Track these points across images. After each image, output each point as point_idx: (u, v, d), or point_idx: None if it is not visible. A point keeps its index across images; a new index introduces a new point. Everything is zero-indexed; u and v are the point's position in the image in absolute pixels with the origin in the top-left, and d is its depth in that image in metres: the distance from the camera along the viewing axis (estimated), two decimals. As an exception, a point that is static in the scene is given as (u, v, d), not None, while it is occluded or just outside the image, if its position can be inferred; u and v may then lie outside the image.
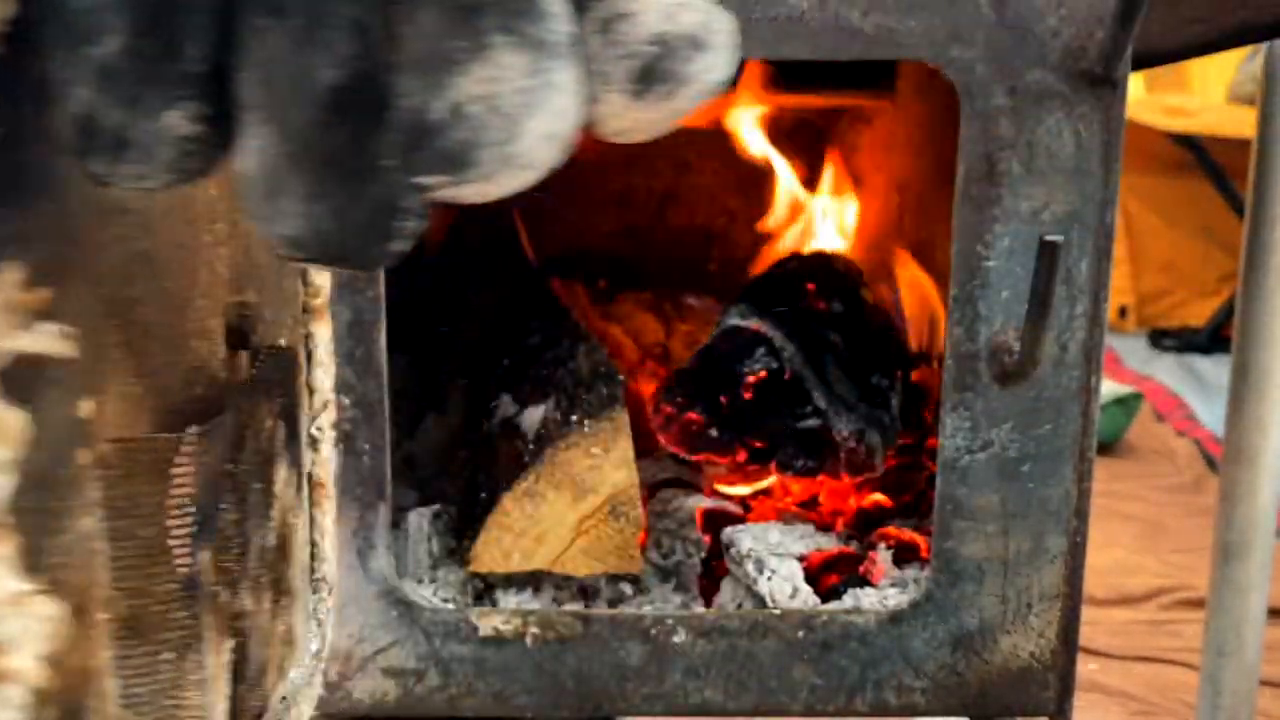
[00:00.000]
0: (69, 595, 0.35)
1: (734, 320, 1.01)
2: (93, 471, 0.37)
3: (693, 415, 0.96)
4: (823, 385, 0.97)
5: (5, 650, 0.32)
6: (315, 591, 0.72)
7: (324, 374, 0.71)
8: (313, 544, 0.72)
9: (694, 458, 0.98)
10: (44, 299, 0.33)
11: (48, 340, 0.33)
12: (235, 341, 0.53)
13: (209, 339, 0.49)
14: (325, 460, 0.71)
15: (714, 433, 0.96)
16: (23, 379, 0.32)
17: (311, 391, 0.71)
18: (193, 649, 0.46)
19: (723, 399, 0.96)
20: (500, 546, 0.85)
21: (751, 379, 0.96)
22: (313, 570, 0.72)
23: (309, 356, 0.70)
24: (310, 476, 0.70)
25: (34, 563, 0.33)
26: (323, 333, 0.70)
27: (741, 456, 0.96)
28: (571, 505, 0.85)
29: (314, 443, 0.70)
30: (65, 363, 0.34)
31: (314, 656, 0.70)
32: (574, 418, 0.87)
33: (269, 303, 0.60)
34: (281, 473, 0.57)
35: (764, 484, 1.02)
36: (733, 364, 0.98)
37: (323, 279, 0.69)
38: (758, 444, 0.96)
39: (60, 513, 0.35)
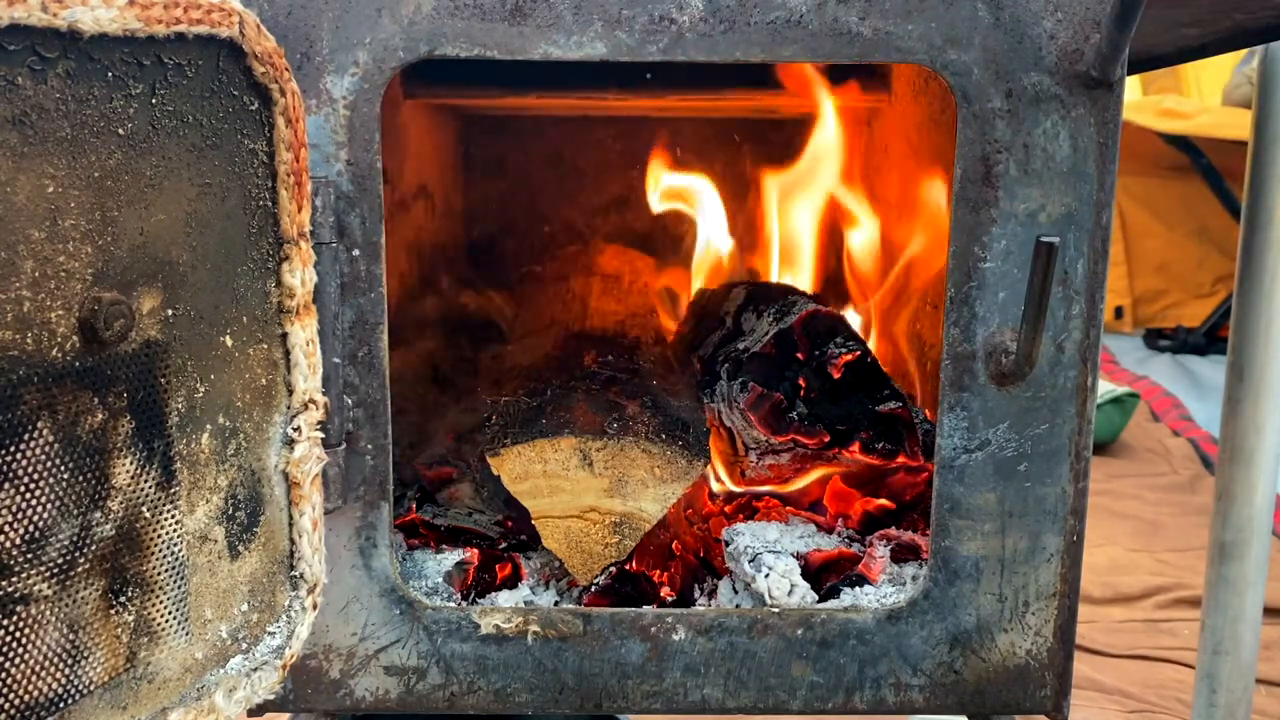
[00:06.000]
0: None
1: (811, 305, 1.01)
2: None
3: (779, 396, 0.96)
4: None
5: None
6: (294, 589, 0.72)
7: (302, 374, 0.70)
8: (291, 543, 0.72)
9: (779, 438, 0.98)
10: None
11: None
12: (86, 334, 0.54)
13: (30, 328, 0.51)
14: (301, 460, 0.70)
15: (798, 414, 0.96)
16: None
17: (290, 391, 0.70)
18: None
19: (801, 381, 0.96)
20: (524, 465, 0.86)
21: (842, 360, 0.96)
22: (291, 568, 0.72)
23: (286, 356, 0.70)
24: (286, 476, 0.71)
25: None
26: (300, 334, 0.70)
27: (825, 438, 0.97)
28: (600, 492, 0.86)
29: (290, 443, 0.70)
30: None
31: (273, 651, 0.70)
32: (665, 435, 0.87)
33: (180, 301, 0.60)
34: (126, 466, 0.57)
35: (801, 483, 1.01)
36: (812, 347, 0.98)
37: (295, 280, 0.69)
38: (840, 426, 0.97)
39: None
